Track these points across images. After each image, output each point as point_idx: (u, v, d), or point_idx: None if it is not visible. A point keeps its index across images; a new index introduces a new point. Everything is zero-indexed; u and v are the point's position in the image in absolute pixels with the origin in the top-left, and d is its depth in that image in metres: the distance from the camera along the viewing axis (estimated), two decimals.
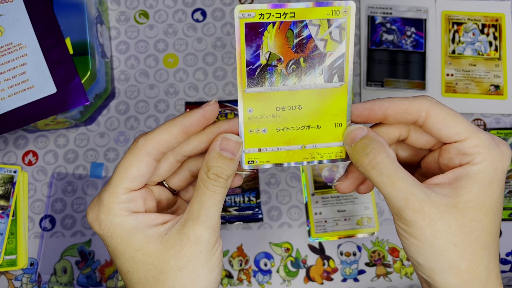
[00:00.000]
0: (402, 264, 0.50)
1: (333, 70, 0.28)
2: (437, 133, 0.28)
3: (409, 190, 0.26)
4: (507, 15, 0.55)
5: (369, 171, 0.26)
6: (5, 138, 0.53)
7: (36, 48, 0.43)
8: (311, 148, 0.29)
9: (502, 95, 0.54)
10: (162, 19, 0.55)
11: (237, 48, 0.27)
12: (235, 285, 0.50)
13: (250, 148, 0.29)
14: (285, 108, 0.28)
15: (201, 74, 0.54)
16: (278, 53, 0.27)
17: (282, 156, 0.29)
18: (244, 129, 0.28)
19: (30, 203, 0.51)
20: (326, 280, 0.50)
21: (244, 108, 0.28)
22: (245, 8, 0.26)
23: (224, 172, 0.27)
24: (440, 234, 0.26)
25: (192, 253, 0.26)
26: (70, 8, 0.45)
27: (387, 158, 0.26)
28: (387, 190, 0.26)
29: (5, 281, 0.50)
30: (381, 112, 0.28)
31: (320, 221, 0.50)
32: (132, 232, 0.27)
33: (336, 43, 0.27)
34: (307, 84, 0.28)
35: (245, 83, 0.27)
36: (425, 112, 0.27)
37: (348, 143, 0.28)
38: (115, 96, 0.54)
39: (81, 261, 0.50)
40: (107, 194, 0.27)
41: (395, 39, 0.54)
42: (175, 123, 0.27)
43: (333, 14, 0.27)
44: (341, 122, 0.29)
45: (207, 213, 0.27)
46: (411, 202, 0.25)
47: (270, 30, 0.27)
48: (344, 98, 0.28)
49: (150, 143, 0.27)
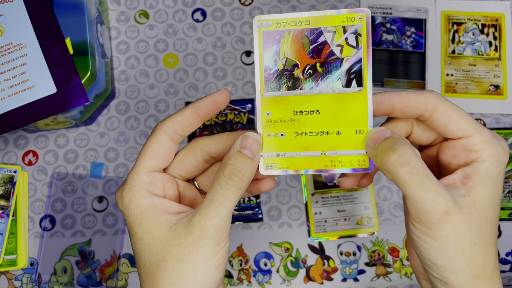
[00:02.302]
0: (402, 264, 0.50)
1: (351, 75, 0.28)
2: (442, 128, 0.28)
3: (439, 191, 0.25)
4: (507, 15, 0.55)
5: (396, 169, 0.25)
6: (5, 138, 0.53)
7: (36, 48, 0.43)
8: (331, 156, 0.29)
9: (501, 95, 0.54)
10: (162, 19, 0.55)
11: (256, 54, 0.28)
12: (235, 285, 0.50)
13: (269, 153, 0.29)
14: (303, 112, 0.28)
15: (201, 74, 0.54)
16: (295, 59, 0.28)
17: (300, 163, 0.29)
18: (263, 132, 0.29)
19: (30, 203, 0.51)
20: (326, 280, 0.50)
21: (262, 111, 0.29)
22: (263, 18, 0.28)
23: (240, 171, 0.27)
24: (463, 235, 0.25)
25: (193, 247, 0.26)
26: (70, 8, 0.45)
27: (416, 156, 0.25)
28: (416, 190, 0.25)
29: (5, 281, 0.50)
30: (389, 105, 0.28)
31: (320, 221, 0.50)
32: (145, 213, 0.28)
33: (352, 49, 0.28)
34: (324, 88, 0.28)
35: (263, 87, 0.28)
36: (432, 106, 0.27)
37: (370, 145, 0.27)
38: (115, 96, 0.54)
39: (81, 261, 0.50)
40: (130, 173, 0.29)
41: (395, 39, 0.54)
42: (188, 106, 0.29)
43: (348, 21, 0.27)
44: (363, 129, 0.28)
45: (215, 212, 0.26)
46: (440, 204, 0.25)
47: (287, 37, 0.28)
48: (365, 104, 0.28)
49: (166, 124, 0.29)
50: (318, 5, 0.55)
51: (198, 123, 0.29)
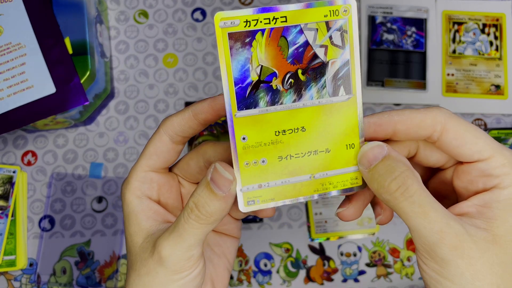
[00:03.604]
0: (403, 264, 0.50)
1: (338, 81, 0.24)
2: (454, 151, 0.24)
3: (445, 222, 0.22)
4: (508, 14, 0.55)
5: (397, 199, 0.22)
6: (4, 138, 0.52)
7: (35, 48, 0.43)
8: (321, 178, 0.25)
9: (502, 95, 0.54)
10: (161, 19, 0.55)
11: (221, 63, 0.23)
12: (235, 285, 0.50)
13: (249, 185, 0.24)
14: (286, 131, 0.24)
15: (200, 73, 0.54)
16: (271, 66, 0.23)
17: (288, 191, 0.25)
18: (239, 162, 0.24)
19: (29, 203, 0.51)
20: (326, 280, 0.50)
21: (237, 136, 0.24)
22: (226, 15, 0.22)
23: (204, 207, 0.23)
24: (481, 275, 0.22)
25: (150, 269, 0.25)
26: (70, 8, 0.45)
27: (418, 184, 0.22)
28: (418, 221, 0.22)
29: (4, 281, 0.50)
30: (390, 128, 0.24)
31: (320, 222, 0.50)
32: (132, 214, 0.27)
33: (338, 49, 0.23)
34: (308, 100, 0.24)
35: (234, 106, 0.23)
36: (440, 126, 0.24)
37: (365, 165, 0.24)
38: (114, 96, 0.53)
39: (80, 261, 0.50)
40: (132, 168, 0.28)
41: (395, 38, 0.54)
42: (187, 108, 0.27)
43: (332, 15, 0.23)
44: (354, 142, 0.24)
45: (175, 243, 0.24)
46: (448, 236, 0.21)
47: (259, 40, 0.23)
48: (354, 113, 0.24)
49: (166, 123, 0.27)
50: None
51: (198, 127, 0.27)
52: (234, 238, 0.33)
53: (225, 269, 0.31)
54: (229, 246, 0.32)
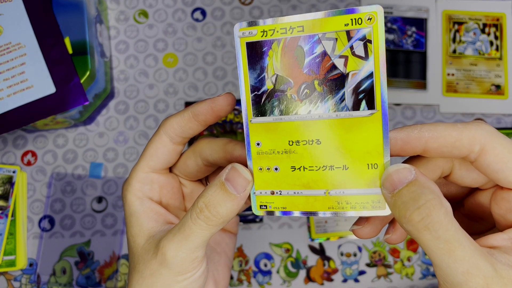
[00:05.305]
0: (403, 264, 0.50)
1: (359, 95, 0.22)
2: (494, 175, 0.22)
3: (473, 261, 0.19)
4: (508, 14, 0.55)
5: (419, 232, 0.20)
6: (4, 138, 0.52)
7: (35, 48, 0.43)
8: (337, 195, 0.23)
9: (503, 95, 0.53)
10: (161, 19, 0.55)
11: (240, 71, 0.23)
12: (235, 285, 0.50)
13: (262, 190, 0.24)
14: (300, 142, 0.23)
15: (200, 73, 0.54)
16: (287, 76, 0.23)
17: (300, 203, 0.24)
18: (254, 166, 0.24)
19: (29, 203, 0.51)
20: (327, 280, 0.50)
21: (252, 140, 0.24)
22: (245, 26, 0.23)
23: (216, 207, 0.23)
24: None
25: (154, 270, 0.25)
26: (70, 8, 0.45)
27: (444, 216, 0.20)
28: (442, 258, 0.20)
29: (4, 281, 0.50)
30: (420, 146, 0.22)
31: (320, 222, 0.50)
32: (133, 216, 0.27)
33: (360, 60, 0.22)
34: (325, 112, 0.23)
35: (250, 112, 0.24)
36: (479, 146, 0.21)
37: (389, 188, 0.21)
38: (114, 96, 0.53)
39: (80, 261, 0.50)
40: (132, 169, 0.28)
41: (395, 38, 0.54)
42: (187, 109, 0.27)
43: (353, 23, 0.22)
44: (376, 162, 0.22)
45: (180, 244, 0.24)
46: (474, 278, 0.19)
47: (275, 49, 0.23)
48: (378, 131, 0.22)
49: (166, 124, 0.27)
50: (319, 4, 0.55)
51: (198, 128, 0.27)
52: (232, 233, 0.33)
53: (226, 266, 0.31)
54: (228, 243, 0.32)
